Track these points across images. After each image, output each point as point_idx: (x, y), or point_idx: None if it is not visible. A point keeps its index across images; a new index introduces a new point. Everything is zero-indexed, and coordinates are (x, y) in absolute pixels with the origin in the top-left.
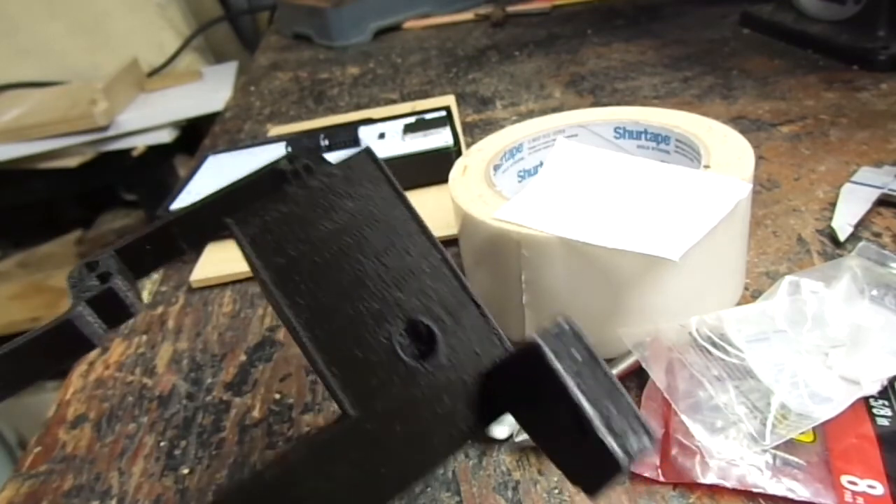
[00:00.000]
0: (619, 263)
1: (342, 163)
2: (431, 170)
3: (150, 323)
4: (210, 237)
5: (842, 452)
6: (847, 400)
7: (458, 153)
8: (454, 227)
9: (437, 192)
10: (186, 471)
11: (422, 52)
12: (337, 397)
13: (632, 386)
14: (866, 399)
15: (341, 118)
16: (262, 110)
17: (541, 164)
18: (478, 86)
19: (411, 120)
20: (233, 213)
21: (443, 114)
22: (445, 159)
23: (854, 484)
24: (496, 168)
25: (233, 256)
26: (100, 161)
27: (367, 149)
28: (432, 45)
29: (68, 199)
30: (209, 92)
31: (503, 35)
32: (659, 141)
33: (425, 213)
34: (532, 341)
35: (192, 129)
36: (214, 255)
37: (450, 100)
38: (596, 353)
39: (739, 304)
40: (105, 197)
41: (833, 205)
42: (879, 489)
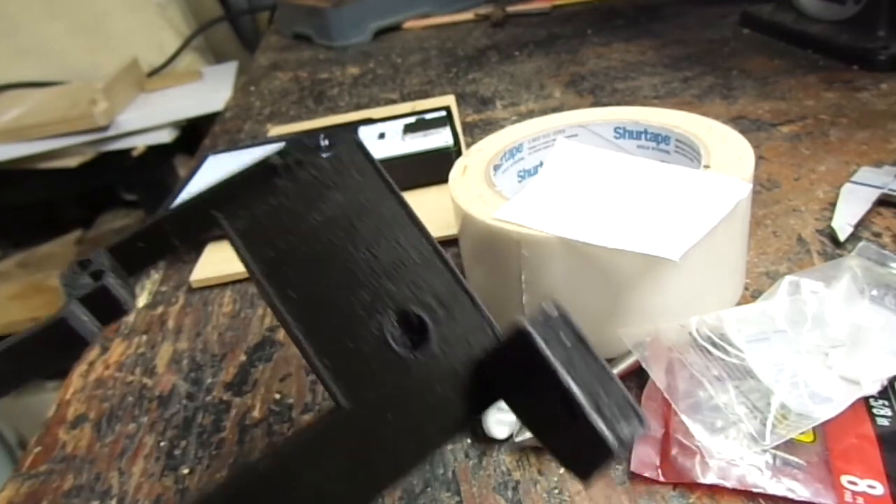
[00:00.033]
0: (619, 263)
1: (331, 154)
2: (431, 170)
3: (150, 323)
4: (203, 233)
5: (842, 452)
6: (847, 400)
7: (458, 153)
8: (454, 227)
9: (437, 192)
10: (186, 471)
11: (422, 52)
12: (329, 388)
13: (632, 386)
14: (866, 399)
15: (341, 118)
16: (262, 110)
17: (541, 164)
18: (478, 86)
19: (411, 120)
20: (224, 208)
21: (443, 114)
22: (445, 159)
23: (854, 484)
24: (496, 168)
25: (233, 256)
26: (100, 161)
27: (356, 140)
28: (432, 45)
29: (68, 199)
30: (209, 92)
31: (503, 35)
32: (659, 141)
33: (425, 213)
34: (521, 327)
35: (192, 129)
36: (214, 255)
37: (450, 100)
38: (586, 337)
39: (739, 304)
40: (105, 197)
41: (833, 205)
42: (879, 489)
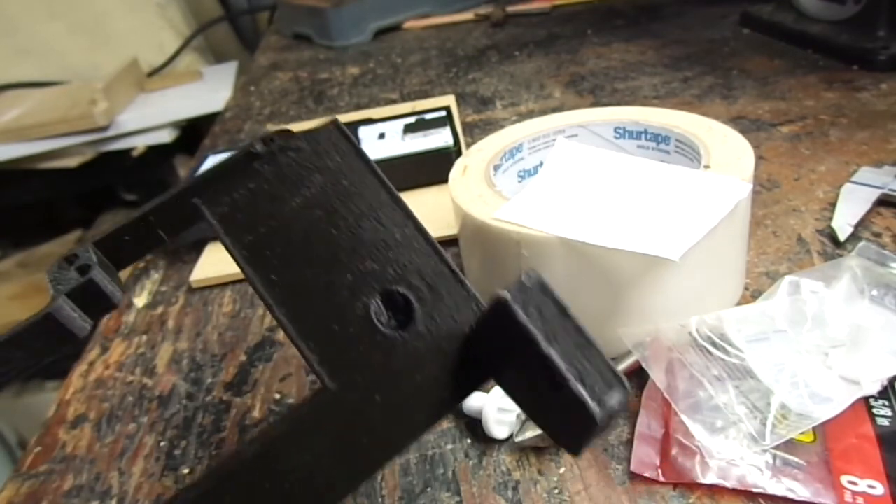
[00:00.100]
0: (619, 263)
1: (309, 136)
2: (431, 170)
3: (150, 323)
4: (189, 224)
5: (842, 452)
6: (847, 400)
7: (458, 153)
8: (454, 227)
9: (437, 192)
10: (186, 471)
11: (422, 52)
12: (315, 371)
13: (632, 386)
14: (866, 399)
15: (341, 118)
16: (262, 110)
17: (541, 164)
18: (478, 86)
19: (411, 120)
20: (204, 195)
21: (443, 114)
22: (445, 159)
23: (854, 484)
24: (496, 168)
25: None
26: (100, 161)
27: (335, 121)
28: (432, 45)
29: (68, 199)
30: (209, 92)
31: (503, 35)
32: (659, 141)
33: (425, 213)
34: (499, 296)
35: (192, 129)
36: (214, 255)
37: (450, 100)
38: (568, 308)
39: (739, 304)
40: (105, 197)
41: (833, 205)
42: (879, 489)
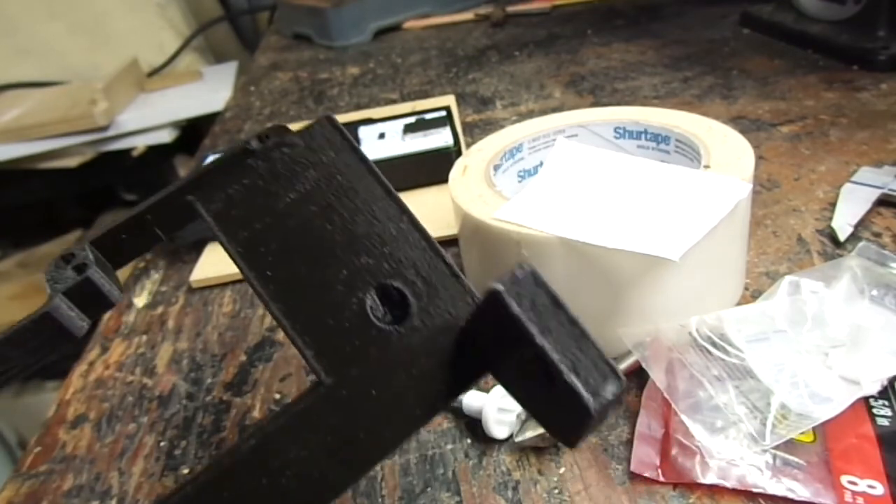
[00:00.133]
0: (619, 263)
1: (303, 132)
2: (431, 170)
3: (150, 323)
4: (186, 222)
5: (842, 452)
6: (847, 400)
7: (458, 153)
8: (454, 227)
9: (437, 192)
10: (186, 471)
11: (422, 52)
12: (311, 365)
13: (632, 386)
14: (866, 399)
15: (341, 118)
16: (262, 110)
17: (541, 164)
18: (478, 86)
19: (411, 120)
20: (198, 191)
21: (443, 114)
22: (445, 159)
23: (854, 484)
24: (496, 168)
25: None
26: (100, 161)
27: (328, 116)
28: (432, 45)
29: (68, 199)
30: (209, 92)
31: (503, 35)
32: (659, 141)
33: (425, 213)
34: (492, 287)
35: (192, 129)
36: (214, 255)
37: (450, 100)
38: (561, 299)
39: (739, 304)
40: (105, 197)
41: (833, 205)
42: (879, 489)
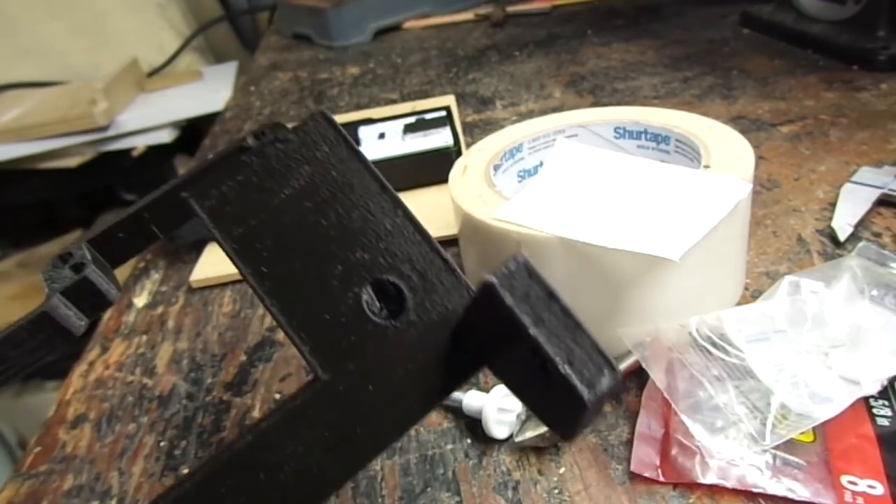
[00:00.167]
0: (619, 263)
1: (297, 128)
2: (431, 170)
3: (150, 323)
4: (183, 220)
5: (842, 452)
6: (847, 400)
7: (458, 153)
8: (454, 227)
9: (437, 192)
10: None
11: (422, 52)
12: (308, 361)
13: (632, 386)
14: (866, 399)
15: (341, 118)
16: (262, 110)
17: (541, 164)
18: (478, 86)
19: (411, 120)
20: (192, 188)
21: (443, 114)
22: (445, 159)
23: (854, 484)
24: (496, 168)
25: None
26: (100, 161)
27: (322, 112)
28: (432, 45)
29: (68, 199)
30: (209, 92)
31: (503, 35)
32: (659, 141)
33: (425, 213)
34: (486, 280)
35: (192, 129)
36: (214, 255)
37: (450, 100)
38: (555, 291)
39: (739, 304)
40: (105, 197)
41: (833, 205)
42: (879, 489)
